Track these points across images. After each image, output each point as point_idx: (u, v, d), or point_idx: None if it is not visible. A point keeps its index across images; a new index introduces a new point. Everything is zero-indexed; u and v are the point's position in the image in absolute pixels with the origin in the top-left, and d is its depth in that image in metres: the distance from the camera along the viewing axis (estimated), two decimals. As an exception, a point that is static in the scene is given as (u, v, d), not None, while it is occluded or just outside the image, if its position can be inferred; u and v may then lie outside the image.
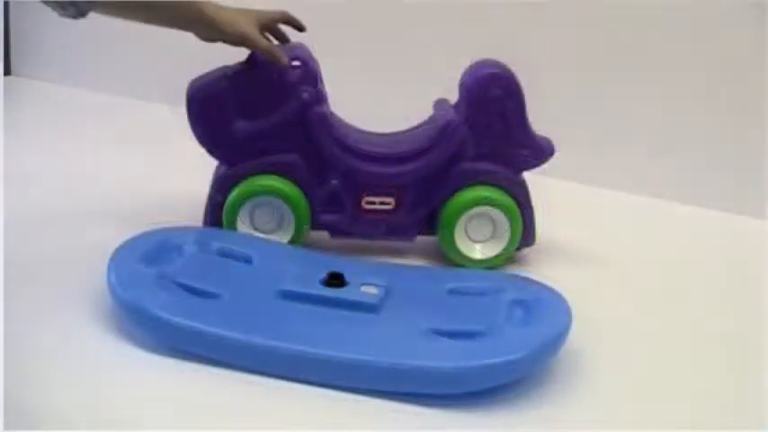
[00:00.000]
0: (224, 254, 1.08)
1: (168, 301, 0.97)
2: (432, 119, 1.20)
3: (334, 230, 1.18)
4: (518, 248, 1.18)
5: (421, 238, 1.19)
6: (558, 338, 0.94)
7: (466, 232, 1.17)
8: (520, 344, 0.92)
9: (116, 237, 1.05)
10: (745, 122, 1.41)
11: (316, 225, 1.17)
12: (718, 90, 1.42)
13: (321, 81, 1.16)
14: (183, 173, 1.19)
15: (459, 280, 1.07)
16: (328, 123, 1.15)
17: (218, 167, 1.17)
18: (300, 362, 0.91)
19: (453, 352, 0.92)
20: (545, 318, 0.97)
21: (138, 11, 1.06)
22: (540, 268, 1.16)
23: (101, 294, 1.00)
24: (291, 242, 1.15)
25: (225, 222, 1.15)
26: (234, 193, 1.15)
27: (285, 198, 1.15)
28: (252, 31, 1.10)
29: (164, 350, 0.94)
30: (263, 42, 1.11)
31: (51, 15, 1.05)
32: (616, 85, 1.47)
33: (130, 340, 0.96)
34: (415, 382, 0.90)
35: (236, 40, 1.09)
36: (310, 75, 1.14)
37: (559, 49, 1.49)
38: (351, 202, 1.17)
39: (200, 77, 1.15)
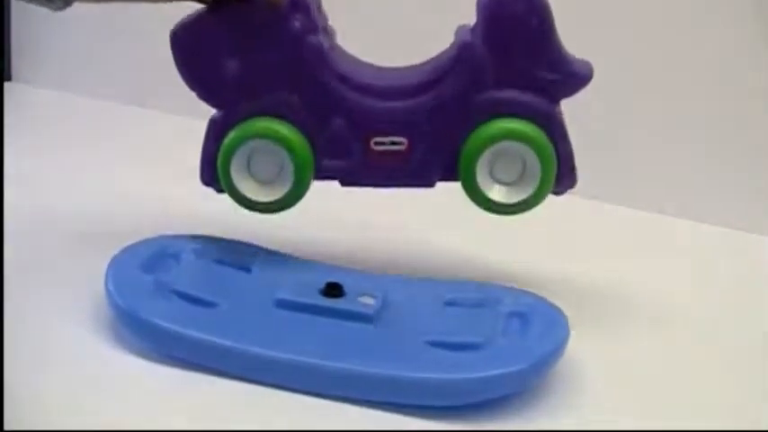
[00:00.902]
0: (223, 262, 1.06)
1: (165, 309, 0.96)
2: (450, 46, 1.06)
3: (343, 179, 1.07)
4: (556, 192, 1.05)
5: (422, 240, 1.18)
6: (556, 351, 0.93)
7: (491, 173, 1.04)
8: (518, 356, 0.91)
9: (115, 244, 1.05)
10: (754, 134, 1.40)
11: (321, 173, 1.06)
12: (723, 104, 1.41)
13: (318, 11, 1.06)
14: (185, 181, 1.19)
15: (456, 291, 1.04)
16: (324, 54, 1.03)
17: (211, 117, 1.07)
18: (296, 371, 0.91)
19: (450, 364, 0.91)
20: (543, 330, 0.95)
21: None
22: (538, 281, 1.13)
23: (99, 301, 1.00)
24: (292, 193, 1.05)
25: (220, 173, 1.05)
26: (226, 139, 1.04)
27: (282, 142, 1.04)
28: None
29: (161, 358, 0.94)
30: None
31: (53, 21, 1.05)
32: (615, 95, 1.46)
33: (127, 348, 0.96)
34: (412, 394, 0.89)
35: None
36: (300, 2, 1.03)
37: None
38: (358, 145, 1.04)
39: (186, 17, 1.06)
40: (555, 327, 0.96)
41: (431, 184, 1.07)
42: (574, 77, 1.02)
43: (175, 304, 0.98)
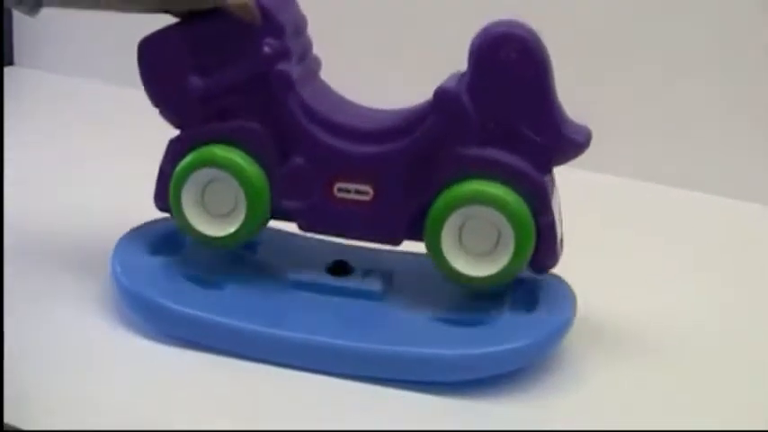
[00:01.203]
0: None
1: (172, 290, 0.97)
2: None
3: (300, 222, 0.98)
4: (536, 271, 0.95)
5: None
6: (563, 326, 0.93)
7: (459, 240, 0.93)
8: (525, 332, 0.91)
9: (121, 225, 1.05)
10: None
11: (277, 212, 0.98)
12: (734, 76, 1.40)
13: (297, 35, 0.98)
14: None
15: None
16: (292, 84, 0.95)
17: (171, 138, 1.00)
18: (304, 350, 0.91)
19: (457, 339, 0.91)
20: (550, 305, 0.94)
21: None
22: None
23: (104, 283, 1.00)
24: (243, 230, 0.97)
25: (171, 198, 0.98)
26: (180, 165, 0.97)
27: (237, 174, 0.95)
28: None
29: (167, 340, 0.94)
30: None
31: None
32: (624, 70, 1.46)
33: (133, 329, 0.96)
34: (420, 370, 0.89)
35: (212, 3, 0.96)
36: (274, 25, 0.95)
37: (561, 32, 1.47)
38: (319, 187, 0.95)
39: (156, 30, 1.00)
40: (562, 301, 0.96)
41: (396, 242, 0.97)
42: (567, 144, 0.91)
43: (182, 285, 0.98)
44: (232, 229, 0.97)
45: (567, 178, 1.02)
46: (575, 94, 0.95)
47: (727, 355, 1.00)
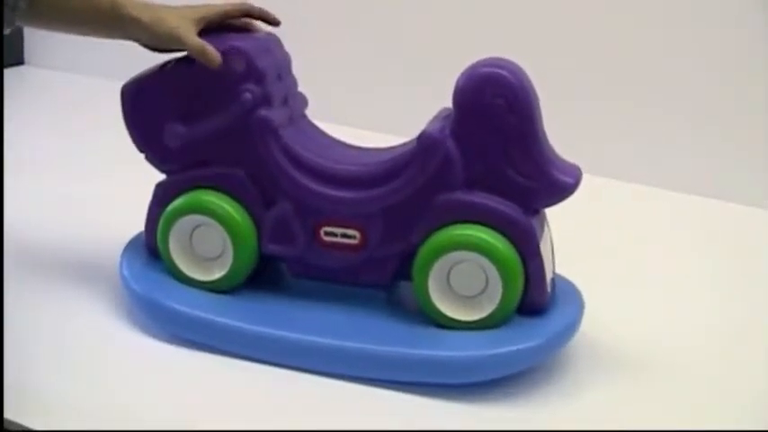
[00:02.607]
0: None
1: (180, 293, 0.98)
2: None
3: (289, 266, 1.00)
4: (525, 313, 0.95)
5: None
6: (570, 328, 0.93)
7: (447, 282, 0.95)
8: (533, 333, 0.91)
9: (131, 225, 1.05)
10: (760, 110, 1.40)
11: (263, 257, 1.00)
12: (730, 79, 1.41)
13: (280, 78, 1.00)
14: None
15: None
16: (274, 130, 0.97)
17: (158, 182, 1.02)
18: (313, 352, 0.92)
19: (466, 341, 0.91)
20: (557, 306, 0.95)
21: (57, 20, 0.99)
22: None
23: (114, 285, 1.01)
24: (228, 277, 0.99)
25: (159, 242, 1.00)
26: (168, 209, 1.00)
27: (223, 221, 0.98)
28: (183, 28, 0.97)
29: (177, 342, 0.96)
30: (192, 40, 0.96)
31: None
32: (623, 75, 1.47)
33: (143, 331, 0.98)
34: (428, 372, 0.90)
35: (166, 39, 0.97)
36: (255, 71, 0.96)
37: (564, 37, 1.48)
38: (306, 232, 0.96)
39: (141, 72, 1.02)
40: (569, 303, 0.95)
41: (385, 286, 0.98)
42: (555, 186, 0.91)
43: (190, 288, 0.99)
44: (219, 275, 0.98)
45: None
46: (579, 106, 0.96)
47: (724, 358, 1.01)
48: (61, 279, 1.06)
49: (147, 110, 0.98)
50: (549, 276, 0.94)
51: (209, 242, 0.98)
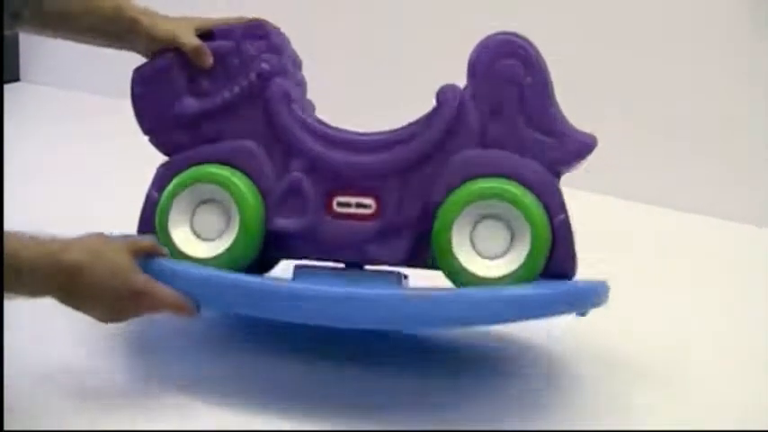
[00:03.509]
0: None
1: (185, 264, 0.92)
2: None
3: (294, 241, 0.95)
4: (555, 276, 0.91)
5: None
6: (594, 291, 0.88)
7: (471, 239, 0.91)
8: (566, 284, 0.88)
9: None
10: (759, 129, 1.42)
11: (271, 236, 0.95)
12: (729, 99, 1.43)
13: (296, 68, 1.00)
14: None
15: None
16: (290, 99, 0.96)
17: (160, 165, 0.99)
18: (331, 302, 0.86)
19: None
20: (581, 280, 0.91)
21: (60, 27, 1.00)
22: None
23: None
24: (232, 253, 0.93)
25: (157, 223, 0.96)
26: (169, 185, 0.96)
27: (230, 188, 0.94)
28: (180, 30, 0.99)
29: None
30: (189, 40, 0.98)
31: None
32: (623, 92, 1.49)
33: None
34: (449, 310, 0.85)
35: (164, 38, 0.98)
36: (273, 46, 0.97)
37: (562, 52, 1.47)
38: (317, 202, 0.93)
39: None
40: (595, 283, 0.90)
41: (398, 260, 0.92)
42: (573, 143, 0.90)
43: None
44: (223, 248, 0.93)
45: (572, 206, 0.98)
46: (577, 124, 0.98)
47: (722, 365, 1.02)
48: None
49: (157, 89, 0.97)
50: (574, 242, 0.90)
51: (213, 216, 0.94)
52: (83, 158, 1.51)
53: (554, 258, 0.88)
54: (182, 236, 0.94)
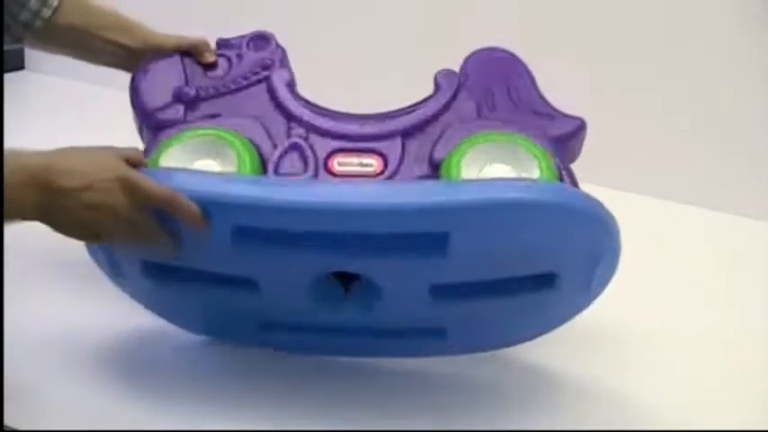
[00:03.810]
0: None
1: None
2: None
3: None
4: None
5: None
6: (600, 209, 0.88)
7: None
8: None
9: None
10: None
11: None
12: (734, 92, 1.44)
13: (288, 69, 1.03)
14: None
15: None
16: (292, 85, 1.00)
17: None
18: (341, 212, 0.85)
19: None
20: None
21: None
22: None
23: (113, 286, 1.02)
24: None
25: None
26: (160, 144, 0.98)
27: (226, 140, 0.94)
28: (161, 37, 1.05)
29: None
30: (171, 40, 1.04)
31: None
32: (625, 86, 1.50)
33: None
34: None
35: (144, 44, 1.05)
36: (279, 50, 1.02)
37: (567, 45, 1.50)
38: (317, 162, 0.95)
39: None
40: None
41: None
42: (565, 121, 0.95)
43: None
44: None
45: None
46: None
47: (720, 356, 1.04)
48: (60, 281, 1.09)
49: (159, 79, 1.01)
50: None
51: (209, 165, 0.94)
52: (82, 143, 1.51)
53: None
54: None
